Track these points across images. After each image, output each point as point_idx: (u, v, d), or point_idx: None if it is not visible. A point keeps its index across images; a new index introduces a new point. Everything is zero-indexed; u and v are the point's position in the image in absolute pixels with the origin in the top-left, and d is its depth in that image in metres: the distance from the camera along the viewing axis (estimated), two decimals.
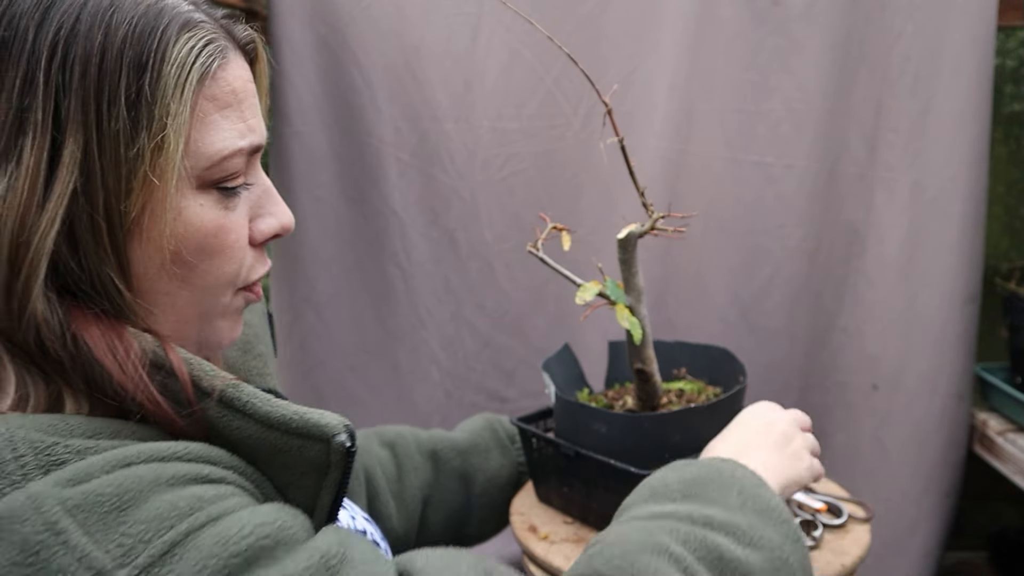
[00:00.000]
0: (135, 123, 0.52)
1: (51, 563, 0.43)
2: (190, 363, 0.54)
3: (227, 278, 0.59)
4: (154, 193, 0.53)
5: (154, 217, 0.54)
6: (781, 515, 0.65)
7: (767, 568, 0.60)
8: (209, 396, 0.53)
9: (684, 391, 1.02)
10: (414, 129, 1.45)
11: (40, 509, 0.44)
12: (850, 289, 1.47)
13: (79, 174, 0.51)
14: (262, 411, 0.54)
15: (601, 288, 0.88)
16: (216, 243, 0.57)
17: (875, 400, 1.47)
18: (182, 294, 0.57)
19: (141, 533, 0.45)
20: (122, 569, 0.43)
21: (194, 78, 0.54)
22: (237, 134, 0.57)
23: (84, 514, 0.44)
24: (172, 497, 0.47)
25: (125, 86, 0.52)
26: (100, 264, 0.53)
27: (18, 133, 0.50)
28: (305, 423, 0.54)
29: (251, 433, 0.54)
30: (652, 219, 0.89)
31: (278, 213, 0.62)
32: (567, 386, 1.05)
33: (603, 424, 0.93)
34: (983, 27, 1.36)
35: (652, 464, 0.91)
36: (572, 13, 1.39)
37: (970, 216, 1.42)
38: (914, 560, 1.49)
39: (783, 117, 1.41)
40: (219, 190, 0.57)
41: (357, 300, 1.53)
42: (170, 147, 0.53)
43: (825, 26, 1.37)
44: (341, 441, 0.54)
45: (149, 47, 0.53)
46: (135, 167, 0.52)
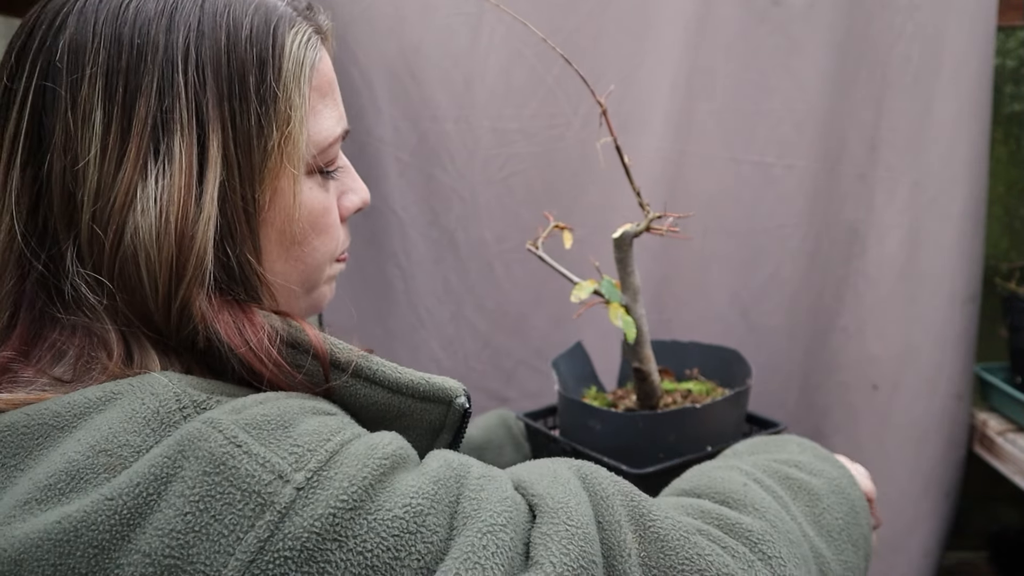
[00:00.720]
0: (266, 116, 0.56)
1: (239, 470, 0.47)
2: (324, 339, 0.58)
3: (331, 253, 0.65)
4: (281, 181, 0.58)
5: (280, 203, 0.59)
6: (837, 461, 0.77)
7: (827, 489, 0.71)
8: (343, 370, 0.58)
9: (692, 391, 1.02)
10: (414, 129, 1.45)
11: (219, 428, 0.49)
12: (850, 289, 1.47)
13: (223, 168, 0.55)
14: (392, 377, 0.59)
15: (596, 287, 0.88)
16: (323, 223, 0.63)
17: (875, 400, 1.47)
18: (295, 272, 0.62)
19: (307, 443, 0.50)
20: (299, 472, 0.48)
21: (307, 70, 0.59)
22: (336, 120, 0.63)
23: (256, 430, 0.49)
24: (321, 419, 0.53)
25: (253, 82, 0.56)
26: (243, 252, 0.57)
27: (164, 133, 0.54)
28: (432, 387, 0.60)
29: (378, 399, 0.59)
30: (647, 219, 0.89)
31: (359, 189, 0.68)
32: (576, 383, 1.06)
33: (598, 422, 0.94)
34: (983, 27, 1.36)
35: (646, 463, 0.91)
36: (572, 13, 1.39)
37: (970, 216, 1.42)
38: (914, 560, 1.49)
39: (783, 117, 1.41)
40: (321, 174, 0.62)
41: (357, 300, 1.53)
42: (296, 137, 0.58)
43: (825, 26, 1.37)
44: (461, 403, 0.61)
45: (267, 44, 0.57)
46: (267, 157, 0.57)
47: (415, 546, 0.48)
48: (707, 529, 0.59)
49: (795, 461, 0.73)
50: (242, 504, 0.47)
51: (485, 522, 0.51)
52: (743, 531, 0.60)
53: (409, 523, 0.49)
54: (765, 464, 0.72)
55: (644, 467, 0.90)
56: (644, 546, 0.55)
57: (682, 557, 0.55)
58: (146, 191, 0.54)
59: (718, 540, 0.58)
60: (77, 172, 0.54)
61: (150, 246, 0.54)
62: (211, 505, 0.46)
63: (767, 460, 0.73)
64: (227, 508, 0.46)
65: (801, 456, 0.75)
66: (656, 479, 0.92)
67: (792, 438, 0.81)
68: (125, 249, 0.54)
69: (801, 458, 0.74)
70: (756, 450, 0.78)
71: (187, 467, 0.47)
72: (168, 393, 0.51)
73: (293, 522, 0.46)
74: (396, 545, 0.48)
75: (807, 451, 0.77)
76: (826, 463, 0.76)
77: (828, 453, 0.79)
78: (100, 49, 0.54)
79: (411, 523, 0.49)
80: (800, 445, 0.78)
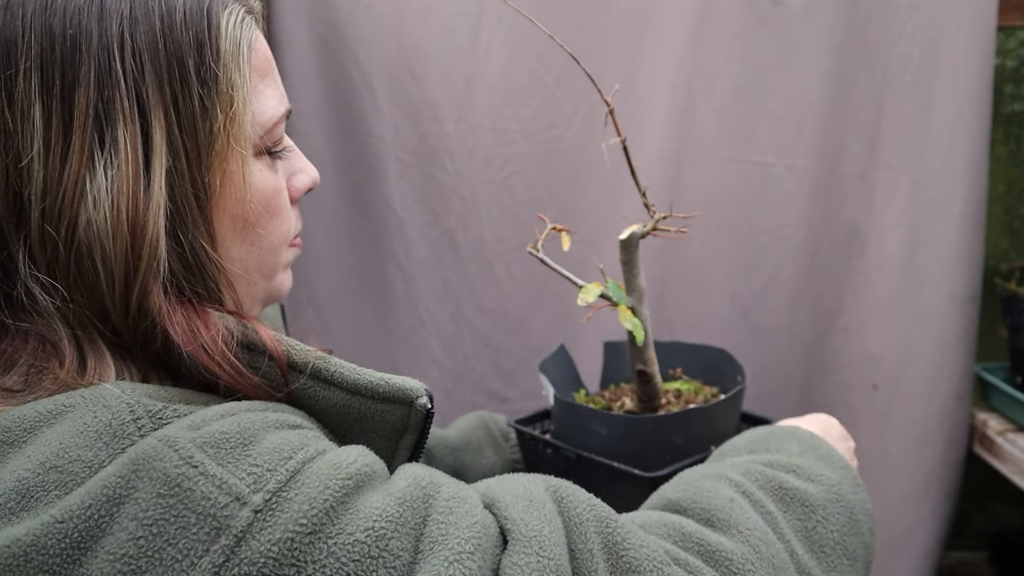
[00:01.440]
0: (209, 98, 0.56)
1: (195, 492, 0.46)
2: (279, 340, 0.57)
3: (284, 235, 0.64)
4: (230, 164, 0.57)
5: (231, 187, 0.58)
6: (841, 461, 0.73)
7: (825, 498, 0.67)
8: (301, 371, 0.57)
9: (681, 391, 1.02)
10: (414, 129, 1.45)
11: (175, 447, 0.47)
12: (850, 289, 1.47)
13: (169, 154, 0.54)
14: (350, 379, 0.57)
15: (603, 290, 0.88)
16: (275, 204, 0.62)
17: (875, 400, 1.47)
18: (252, 257, 0.61)
19: (267, 463, 0.49)
20: (257, 494, 0.47)
21: (244, 50, 0.58)
22: (278, 100, 0.62)
23: (214, 449, 0.48)
24: (283, 435, 0.51)
25: (193, 65, 0.55)
26: (196, 239, 0.56)
27: (108, 124, 0.53)
28: (391, 387, 0.58)
29: (336, 401, 0.58)
30: (654, 220, 0.89)
31: (307, 169, 0.68)
32: (563, 387, 1.05)
33: (604, 426, 0.93)
34: (983, 27, 1.36)
35: (654, 466, 0.91)
36: (573, 13, 1.39)
37: (970, 216, 1.42)
38: (914, 560, 1.49)
39: (783, 117, 1.41)
40: (269, 155, 0.62)
41: (357, 300, 1.53)
42: (241, 117, 0.57)
43: (825, 26, 1.37)
44: (423, 403, 0.59)
45: (202, 26, 0.56)
46: (214, 140, 0.56)
47: (376, 571, 0.47)
48: (684, 558, 0.58)
49: (793, 465, 0.70)
50: (197, 528, 0.45)
51: (452, 549, 0.49)
52: (723, 559, 0.59)
53: (371, 547, 0.48)
54: (759, 471, 0.68)
55: (654, 470, 0.90)
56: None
57: None
58: (95, 183, 0.53)
59: (695, 571, 0.57)
60: (21, 170, 0.53)
61: (104, 239, 0.53)
62: (165, 529, 0.45)
63: (762, 464, 0.69)
64: (181, 532, 0.45)
65: (800, 459, 0.71)
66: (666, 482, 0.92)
67: (795, 432, 0.76)
68: (80, 244, 0.53)
69: (800, 461, 0.71)
70: (754, 447, 0.74)
71: (141, 488, 0.46)
72: (121, 404, 0.50)
73: (250, 547, 0.45)
74: (357, 571, 0.47)
75: (807, 451, 0.73)
76: (827, 465, 0.72)
77: (830, 449, 0.75)
78: (32, 42, 0.53)
79: (373, 547, 0.48)
80: (801, 443, 0.74)
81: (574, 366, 1.11)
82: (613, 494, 0.92)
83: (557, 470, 0.98)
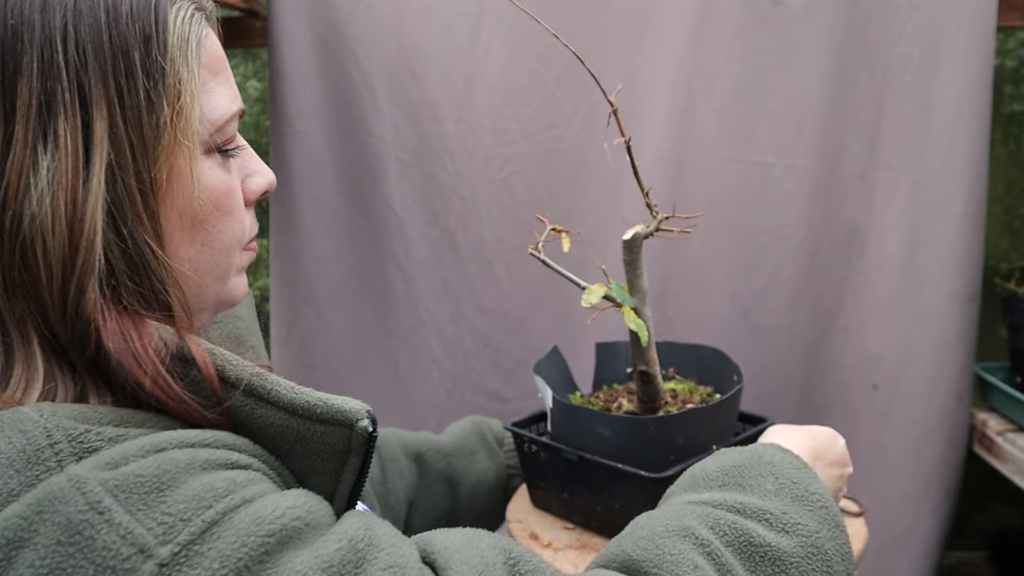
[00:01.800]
0: (155, 91, 0.54)
1: (95, 541, 0.44)
2: (213, 354, 0.55)
3: (237, 237, 0.62)
4: (177, 159, 0.56)
5: (179, 183, 0.56)
6: (820, 500, 0.66)
7: (799, 554, 0.61)
8: (235, 387, 0.54)
9: (677, 392, 1.02)
10: (414, 129, 1.45)
11: (82, 490, 0.45)
12: (850, 289, 1.47)
13: (111, 147, 0.53)
14: (287, 398, 0.55)
15: (607, 291, 0.88)
16: (227, 204, 0.60)
17: (875, 400, 1.47)
18: (203, 257, 0.60)
19: (181, 512, 0.46)
20: (164, 546, 0.44)
21: (193, 46, 0.57)
22: (230, 99, 0.60)
23: (125, 494, 0.45)
24: (208, 479, 0.48)
25: (139, 58, 0.54)
26: (140, 235, 0.55)
27: (49, 116, 0.52)
28: (329, 409, 0.55)
29: (274, 421, 0.55)
30: (657, 220, 0.88)
31: (263, 171, 0.66)
32: (558, 389, 1.04)
33: (606, 428, 0.92)
34: (983, 27, 1.36)
35: (656, 467, 0.91)
36: (573, 12, 1.39)
37: (970, 216, 1.42)
38: (914, 560, 1.49)
39: (783, 117, 1.41)
40: (221, 153, 0.60)
41: (357, 300, 1.53)
42: (188, 112, 0.56)
43: (825, 26, 1.37)
44: (364, 426, 0.55)
45: (149, 20, 0.55)
46: (160, 134, 0.55)
47: None
48: None
49: (765, 512, 0.63)
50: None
51: None
52: None
53: None
54: (728, 524, 0.61)
55: (656, 471, 0.90)
56: None
57: None
58: (38, 176, 0.52)
59: None
60: None
61: (45, 232, 0.52)
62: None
63: (732, 513, 0.63)
64: None
65: (775, 502, 0.64)
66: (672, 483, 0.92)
67: (773, 461, 0.69)
68: (24, 238, 0.52)
69: (774, 506, 0.63)
70: (726, 480, 0.67)
71: (42, 533, 0.44)
72: (37, 429, 0.47)
73: None
74: None
75: (784, 490, 0.65)
76: (804, 508, 0.64)
77: (810, 485, 0.67)
78: None
79: None
80: (778, 478, 0.66)
81: (567, 367, 1.11)
82: (617, 495, 0.93)
83: (557, 473, 0.98)
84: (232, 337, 0.76)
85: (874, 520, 1.43)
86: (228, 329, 0.77)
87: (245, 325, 0.79)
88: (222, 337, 0.76)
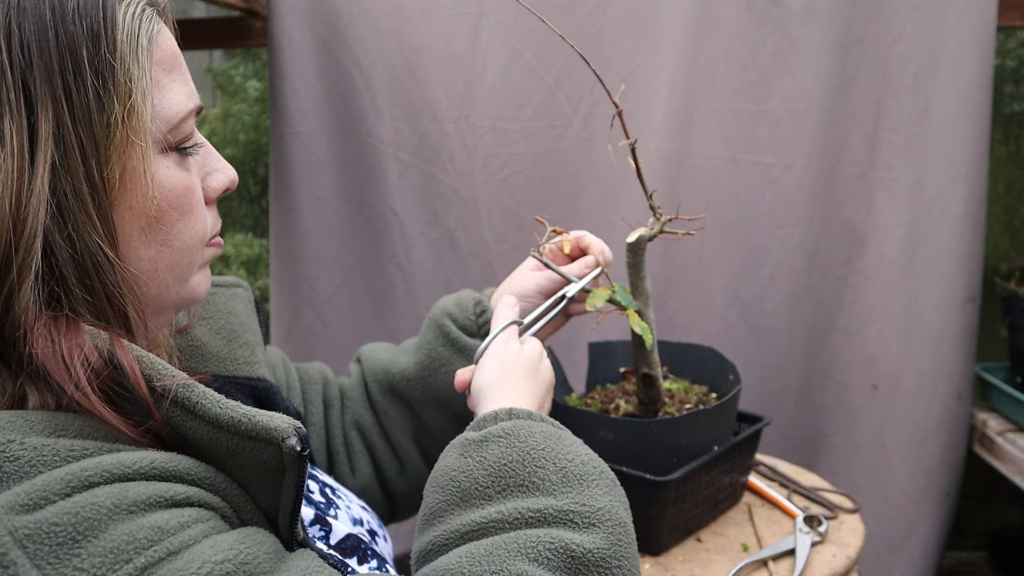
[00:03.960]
0: (105, 90, 0.53)
1: None
2: (142, 361, 0.53)
3: (199, 235, 0.61)
4: (131, 158, 0.54)
5: (133, 182, 0.55)
6: (595, 466, 0.64)
7: (610, 542, 0.59)
8: (164, 396, 0.52)
9: (673, 391, 1.02)
10: (414, 129, 1.45)
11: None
12: (850, 289, 1.47)
13: (55, 148, 0.52)
14: (212, 412, 0.53)
15: (610, 294, 0.87)
16: (186, 203, 0.59)
17: (875, 400, 1.47)
18: (163, 257, 0.58)
19: (95, 567, 0.43)
20: None
21: (144, 43, 0.55)
22: (186, 96, 0.59)
23: (36, 546, 0.43)
24: (131, 527, 0.46)
25: (87, 56, 0.53)
26: (91, 236, 0.53)
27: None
28: (254, 426, 0.53)
29: (204, 435, 0.53)
30: (661, 222, 0.88)
31: (223, 168, 0.64)
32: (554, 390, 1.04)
33: (611, 431, 0.92)
34: (983, 27, 1.36)
35: (659, 469, 0.90)
36: (573, 13, 1.39)
37: (970, 216, 1.42)
38: (914, 560, 1.49)
39: (783, 117, 1.41)
40: (178, 152, 0.59)
41: (357, 300, 1.53)
42: (140, 110, 0.54)
43: (825, 26, 1.37)
44: (291, 445, 0.53)
45: (97, 16, 0.53)
46: (111, 133, 0.53)
47: None
48: None
49: (565, 513, 0.59)
50: None
51: None
52: None
53: None
54: (545, 543, 0.57)
55: (659, 473, 0.90)
56: None
57: None
58: None
59: None
60: None
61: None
62: None
63: (539, 528, 0.59)
64: None
65: (567, 495, 0.61)
66: (678, 485, 0.92)
67: (534, 446, 0.64)
68: None
69: (569, 500, 0.60)
70: (505, 484, 0.62)
71: None
72: None
73: None
74: None
75: (567, 476, 0.62)
76: (589, 487, 0.62)
77: (577, 453, 0.64)
78: None
79: None
80: (553, 463, 0.63)
81: (561, 368, 1.11)
82: None
83: None
84: (223, 332, 0.76)
85: (874, 520, 1.43)
86: (219, 324, 0.76)
87: (239, 321, 0.77)
88: (211, 332, 0.75)
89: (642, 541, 0.96)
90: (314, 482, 0.75)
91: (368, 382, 0.95)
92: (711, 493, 0.99)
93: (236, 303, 0.79)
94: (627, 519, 0.63)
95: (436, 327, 0.91)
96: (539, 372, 0.76)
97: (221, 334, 0.75)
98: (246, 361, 0.76)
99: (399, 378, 0.92)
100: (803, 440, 1.52)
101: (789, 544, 0.94)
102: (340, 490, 0.79)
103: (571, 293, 0.87)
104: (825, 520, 0.97)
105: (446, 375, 0.88)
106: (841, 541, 0.96)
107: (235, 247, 1.94)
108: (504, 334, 0.78)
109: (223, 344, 0.75)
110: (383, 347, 0.98)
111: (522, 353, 0.76)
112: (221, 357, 0.74)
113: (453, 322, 0.91)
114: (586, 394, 1.08)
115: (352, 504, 0.78)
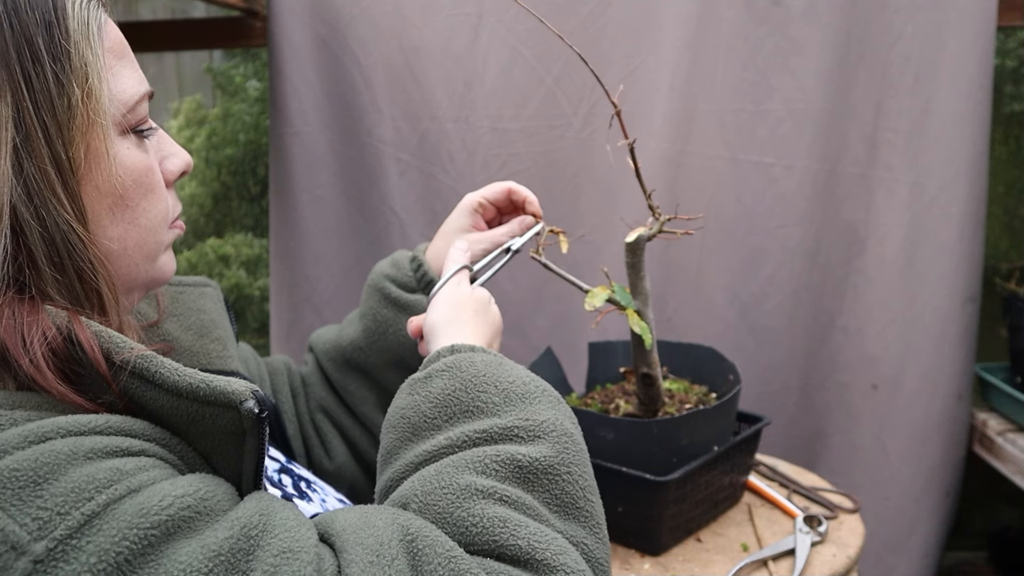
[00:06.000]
0: (63, 73, 0.56)
1: None
2: (100, 336, 0.54)
3: (162, 214, 0.64)
4: (94, 138, 0.57)
5: (97, 162, 0.58)
6: (536, 385, 0.66)
7: (557, 450, 0.61)
8: (123, 369, 0.53)
9: (673, 391, 1.02)
10: (414, 129, 1.45)
11: None
12: (850, 289, 1.47)
13: (16, 131, 0.54)
14: (170, 380, 0.54)
15: (610, 294, 0.88)
16: (148, 182, 0.62)
17: (875, 400, 1.47)
18: (131, 236, 0.61)
19: (58, 506, 0.44)
20: (39, 542, 0.43)
21: (94, 30, 0.58)
22: (138, 81, 0.62)
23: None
24: (90, 469, 0.47)
25: (43, 43, 0.55)
26: (61, 215, 0.55)
27: None
28: (212, 391, 0.54)
29: (164, 403, 0.54)
30: (660, 222, 0.88)
31: (178, 152, 0.67)
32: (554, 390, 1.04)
33: (611, 431, 0.92)
34: (983, 27, 1.36)
35: (659, 468, 0.91)
36: (573, 13, 1.39)
37: (970, 216, 1.42)
38: (914, 560, 1.50)
39: (783, 117, 1.41)
40: (135, 134, 0.62)
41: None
42: (97, 92, 0.57)
43: (825, 26, 1.37)
44: (249, 407, 0.54)
45: (48, 7, 0.56)
46: (73, 115, 0.56)
47: None
48: None
49: (510, 430, 0.61)
50: None
51: None
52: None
53: None
54: (492, 460, 0.59)
55: (660, 473, 0.90)
56: None
57: None
58: None
59: None
60: None
61: None
62: None
63: (486, 445, 0.60)
64: None
65: (510, 413, 0.63)
66: (678, 485, 0.92)
67: (476, 373, 0.66)
68: None
69: (513, 417, 0.62)
70: (451, 414, 0.63)
71: None
72: None
73: None
74: None
75: (509, 397, 0.64)
76: (532, 404, 0.64)
77: (519, 376, 0.66)
78: None
79: None
80: (496, 387, 0.64)
81: (561, 368, 1.11)
82: (621, 498, 0.93)
83: None
84: (194, 328, 0.77)
85: (874, 520, 1.43)
86: (190, 321, 0.78)
87: (209, 318, 0.79)
88: (182, 328, 0.77)
89: (642, 541, 0.96)
90: (288, 476, 0.76)
91: (323, 363, 0.96)
92: (711, 493, 0.99)
93: (205, 301, 0.80)
94: (574, 431, 0.64)
95: (376, 291, 0.92)
96: (488, 313, 0.78)
97: (192, 330, 0.77)
98: (219, 355, 0.77)
99: (350, 349, 0.93)
100: (803, 440, 1.52)
101: (789, 544, 0.94)
102: (317, 483, 0.80)
103: (516, 247, 0.88)
104: (825, 520, 0.97)
105: (395, 335, 0.90)
106: (841, 541, 0.96)
107: (235, 247, 1.94)
108: (456, 277, 0.79)
109: (195, 339, 0.76)
110: (329, 327, 1.00)
111: (472, 294, 0.78)
112: (194, 351, 0.76)
113: (392, 282, 0.92)
114: (586, 394, 1.08)
115: (328, 497, 0.78)
